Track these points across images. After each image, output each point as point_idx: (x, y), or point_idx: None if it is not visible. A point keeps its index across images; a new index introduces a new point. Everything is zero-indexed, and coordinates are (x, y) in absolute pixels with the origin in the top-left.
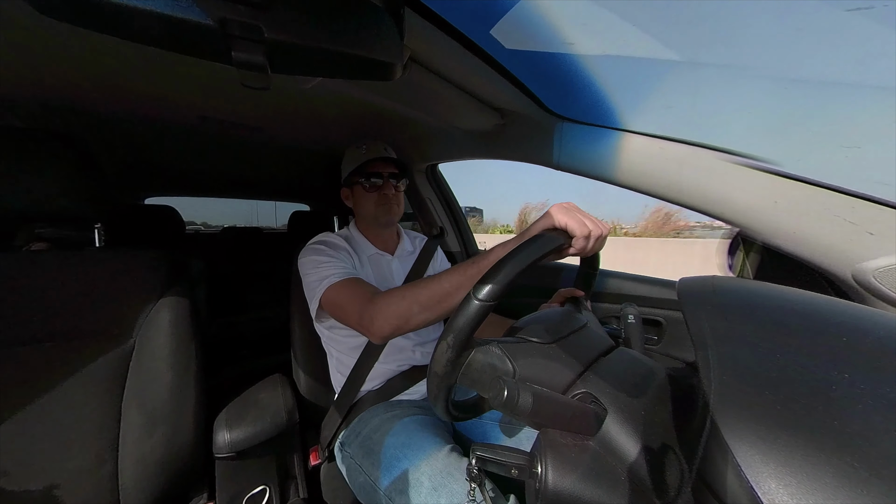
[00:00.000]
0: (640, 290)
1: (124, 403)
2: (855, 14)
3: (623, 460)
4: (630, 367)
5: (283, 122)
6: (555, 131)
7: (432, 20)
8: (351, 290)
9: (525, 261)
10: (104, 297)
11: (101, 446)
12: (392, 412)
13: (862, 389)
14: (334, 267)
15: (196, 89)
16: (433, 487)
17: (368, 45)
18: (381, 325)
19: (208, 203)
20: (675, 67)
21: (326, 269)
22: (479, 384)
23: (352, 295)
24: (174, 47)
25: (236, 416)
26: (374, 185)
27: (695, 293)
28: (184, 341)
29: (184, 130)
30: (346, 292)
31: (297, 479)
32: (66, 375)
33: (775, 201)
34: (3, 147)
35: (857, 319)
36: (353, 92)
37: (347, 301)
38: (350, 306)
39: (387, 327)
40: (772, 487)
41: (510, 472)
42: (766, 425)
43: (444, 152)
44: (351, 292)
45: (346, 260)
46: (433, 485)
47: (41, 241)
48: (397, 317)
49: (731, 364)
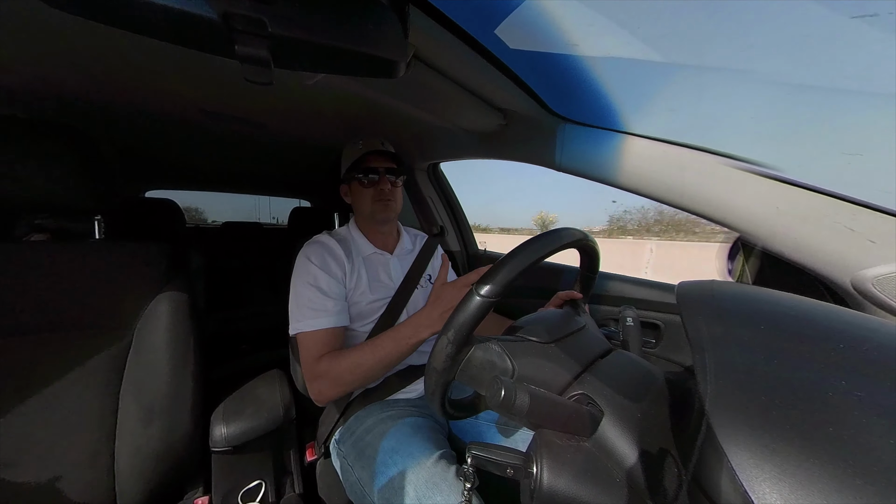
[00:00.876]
0: (638, 293)
1: (122, 396)
2: (859, 21)
3: (618, 462)
4: (627, 370)
5: (284, 117)
6: (557, 133)
7: (437, 18)
8: (309, 347)
9: (527, 260)
10: (103, 290)
11: (98, 438)
12: (387, 412)
13: (858, 396)
14: (311, 309)
15: (198, 83)
16: (417, 498)
17: (373, 41)
18: (317, 398)
19: (209, 199)
20: (679, 71)
21: (305, 310)
22: (478, 381)
23: (308, 352)
24: (177, 40)
25: (233, 411)
26: (370, 180)
27: (693, 297)
28: (182, 335)
29: (185, 124)
30: (305, 346)
31: (292, 474)
32: (64, 366)
33: (776, 207)
34: (5, 137)
35: (855, 327)
36: (356, 89)
37: (304, 354)
38: (304, 361)
39: (322, 401)
40: (765, 492)
41: (506, 472)
42: (761, 430)
43: (445, 151)
44: (309, 348)
45: (334, 284)
46: (417, 495)
47: (41, 231)
48: (331, 394)
49: (728, 368)
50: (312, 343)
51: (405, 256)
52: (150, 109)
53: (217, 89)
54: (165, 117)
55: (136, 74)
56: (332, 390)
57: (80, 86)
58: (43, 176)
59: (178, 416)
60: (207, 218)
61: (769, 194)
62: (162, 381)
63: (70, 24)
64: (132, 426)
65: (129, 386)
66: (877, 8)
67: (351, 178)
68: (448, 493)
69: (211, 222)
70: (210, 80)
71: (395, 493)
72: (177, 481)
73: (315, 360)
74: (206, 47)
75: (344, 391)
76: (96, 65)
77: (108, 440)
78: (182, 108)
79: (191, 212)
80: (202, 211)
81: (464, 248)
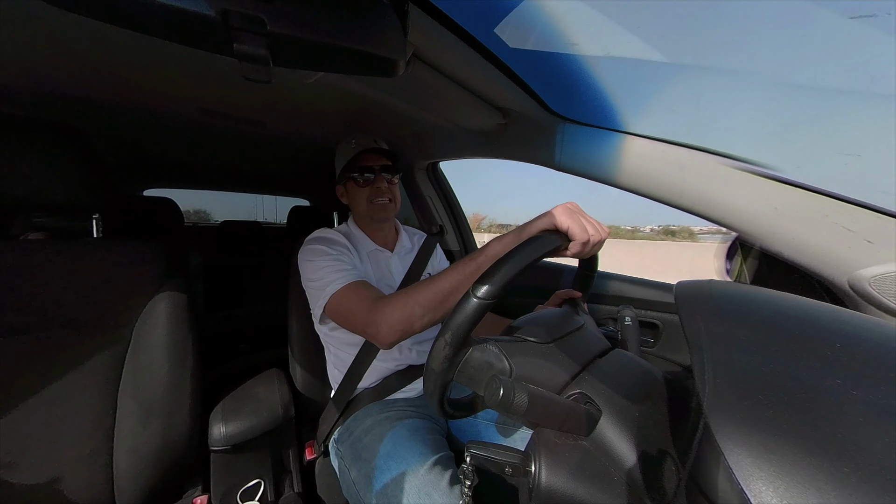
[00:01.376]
0: (637, 292)
1: (120, 394)
2: (858, 22)
3: (616, 461)
4: (625, 369)
5: (283, 116)
6: (557, 132)
7: (436, 17)
8: (354, 297)
9: (524, 261)
10: (101, 288)
11: (97, 437)
12: (385, 413)
13: (854, 396)
14: (335, 270)
15: (197, 81)
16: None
17: (372, 40)
18: (387, 332)
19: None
20: (679, 71)
21: (328, 273)
22: (476, 382)
23: (355, 302)
24: (176, 38)
25: (232, 410)
26: (366, 179)
27: (692, 297)
28: (181, 334)
29: (183, 122)
30: (349, 299)
31: (291, 473)
32: (62, 365)
33: (775, 207)
34: (1, 135)
35: (852, 326)
36: (356, 87)
37: (351, 309)
38: (354, 315)
39: (392, 334)
40: (762, 490)
41: (504, 471)
42: (758, 429)
43: (445, 150)
44: (354, 298)
45: (347, 258)
46: (409, 503)
47: (38, 230)
48: (402, 322)
49: (726, 368)
50: (356, 294)
51: (405, 255)
52: (149, 107)
53: (216, 88)
54: (163, 115)
55: (135, 72)
56: (400, 311)
57: (78, 84)
58: (39, 174)
59: (177, 415)
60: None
61: (768, 194)
62: (160, 381)
63: (69, 21)
64: (131, 425)
65: (128, 385)
66: (874, 8)
67: (346, 178)
68: (441, 502)
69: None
70: (209, 78)
71: (388, 500)
72: (175, 480)
73: (372, 300)
74: (205, 45)
75: (413, 316)
76: (95, 63)
77: (107, 439)
78: (180, 107)
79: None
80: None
81: (463, 248)
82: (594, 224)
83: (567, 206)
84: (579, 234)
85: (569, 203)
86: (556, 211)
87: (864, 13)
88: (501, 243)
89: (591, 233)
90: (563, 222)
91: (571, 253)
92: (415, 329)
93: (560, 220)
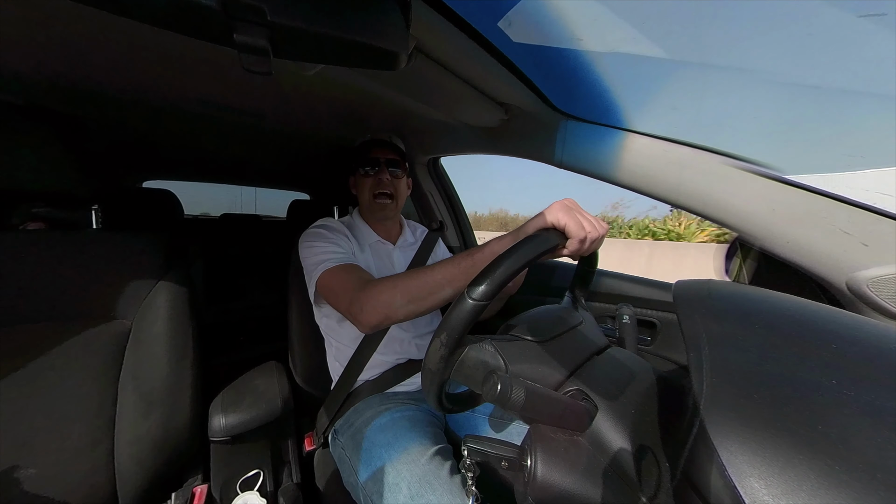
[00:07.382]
0: (636, 290)
1: (121, 385)
2: (866, 20)
3: (612, 457)
4: (622, 367)
5: (283, 108)
6: (559, 129)
7: (440, 10)
8: (345, 276)
9: (519, 261)
10: (101, 279)
11: (98, 427)
12: (385, 405)
13: (847, 396)
14: (331, 252)
15: (197, 72)
16: (410, 496)
17: (374, 33)
18: (369, 313)
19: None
20: (682, 69)
21: (324, 253)
22: (472, 380)
23: (344, 280)
24: (175, 27)
25: (232, 402)
26: (370, 171)
27: (690, 296)
28: (181, 326)
29: (183, 114)
30: (340, 278)
31: (290, 463)
32: (62, 356)
33: (773, 208)
34: None
35: (848, 328)
36: (356, 80)
37: (340, 287)
38: (342, 292)
39: (373, 317)
40: (754, 488)
41: (500, 465)
42: (751, 428)
43: (446, 146)
44: (345, 278)
45: (344, 243)
46: (410, 493)
47: (37, 220)
48: (384, 305)
49: (723, 367)
50: (346, 274)
51: (407, 248)
52: (148, 98)
53: (215, 79)
54: (163, 106)
55: (134, 62)
56: (386, 294)
57: (76, 74)
58: (35, 163)
59: (177, 405)
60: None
61: (767, 194)
62: (160, 371)
63: (67, 10)
64: (131, 416)
65: (128, 376)
66: (884, 7)
67: (355, 169)
68: (441, 492)
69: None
70: (209, 69)
71: (389, 489)
72: (176, 470)
73: (362, 281)
74: (205, 35)
75: (396, 302)
76: (93, 52)
77: (108, 429)
78: (180, 98)
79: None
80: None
81: (463, 244)
82: (591, 220)
83: (564, 202)
84: (576, 230)
85: (566, 199)
86: (553, 208)
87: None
88: (501, 243)
89: (588, 229)
90: (559, 219)
91: (569, 251)
92: (398, 316)
93: (556, 216)
